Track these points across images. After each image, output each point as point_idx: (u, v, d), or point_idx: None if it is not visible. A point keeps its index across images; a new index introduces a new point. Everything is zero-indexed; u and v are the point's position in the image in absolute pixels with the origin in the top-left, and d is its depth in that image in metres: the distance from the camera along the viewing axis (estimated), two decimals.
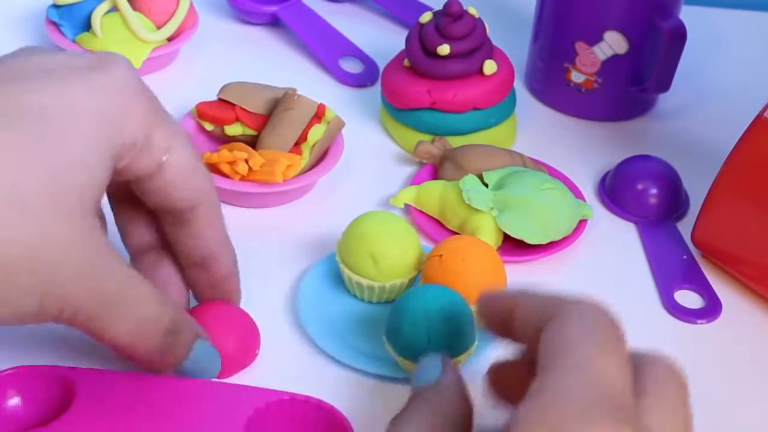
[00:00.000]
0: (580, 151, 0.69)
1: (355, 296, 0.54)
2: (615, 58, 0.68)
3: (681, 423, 0.33)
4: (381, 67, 0.72)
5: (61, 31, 0.71)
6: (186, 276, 0.48)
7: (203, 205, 0.44)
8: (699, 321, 0.56)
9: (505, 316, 0.38)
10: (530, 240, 0.57)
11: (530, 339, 0.36)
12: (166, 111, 0.43)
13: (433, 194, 0.60)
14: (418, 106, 0.65)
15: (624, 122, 0.72)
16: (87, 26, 0.71)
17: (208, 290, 0.48)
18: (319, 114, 0.61)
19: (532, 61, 0.73)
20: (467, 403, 0.37)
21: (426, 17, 0.66)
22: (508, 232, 0.57)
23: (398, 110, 0.67)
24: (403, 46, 0.67)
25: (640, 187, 0.63)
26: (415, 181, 0.63)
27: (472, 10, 0.65)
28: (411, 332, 0.47)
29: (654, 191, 0.63)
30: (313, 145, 0.61)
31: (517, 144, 0.69)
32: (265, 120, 0.62)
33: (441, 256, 0.51)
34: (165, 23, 0.71)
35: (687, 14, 0.69)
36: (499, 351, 0.52)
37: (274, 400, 0.43)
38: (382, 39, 0.78)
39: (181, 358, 0.43)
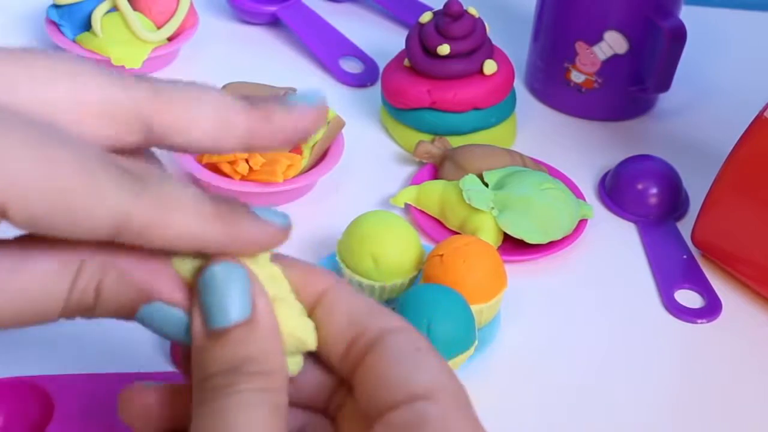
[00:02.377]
0: (580, 150, 0.69)
1: None
2: (615, 58, 0.68)
3: None
4: (381, 67, 0.72)
5: (61, 31, 0.71)
6: None
7: None
8: (699, 321, 0.56)
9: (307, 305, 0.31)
10: (530, 240, 0.57)
11: (335, 348, 0.30)
12: None
13: (434, 194, 0.60)
14: (418, 105, 0.65)
15: (624, 122, 0.72)
16: (87, 26, 0.71)
17: None
18: None
19: (532, 61, 0.73)
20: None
21: (426, 17, 0.66)
22: (509, 232, 0.57)
23: (398, 110, 0.67)
24: (403, 46, 0.67)
25: (640, 186, 0.63)
26: (415, 181, 0.63)
27: (472, 10, 0.65)
28: None
29: (654, 191, 0.63)
30: (314, 145, 0.61)
31: (517, 144, 0.69)
32: None
33: (441, 255, 0.51)
34: (165, 23, 0.71)
35: (687, 14, 0.69)
36: (499, 350, 0.53)
37: None
38: (382, 39, 0.78)
39: None
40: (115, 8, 0.70)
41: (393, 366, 0.29)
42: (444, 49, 0.64)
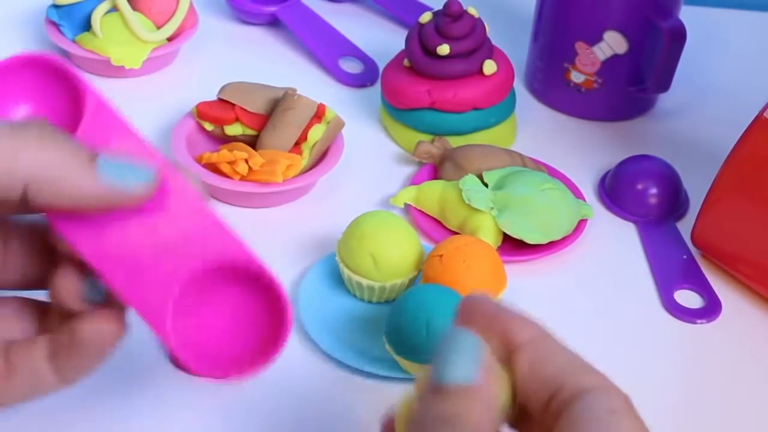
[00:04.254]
0: (580, 151, 0.69)
1: (355, 296, 0.54)
2: (615, 58, 0.68)
3: None
4: (381, 67, 0.72)
5: (61, 31, 0.71)
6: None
7: None
8: (699, 321, 0.56)
9: (502, 353, 0.32)
10: (530, 240, 0.57)
11: (536, 401, 0.31)
12: None
13: (433, 194, 0.60)
14: (418, 106, 0.65)
15: (624, 122, 0.72)
16: (87, 26, 0.71)
17: None
18: (319, 114, 0.61)
19: (532, 61, 0.73)
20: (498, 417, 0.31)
21: (426, 17, 0.66)
22: (508, 232, 0.57)
23: (398, 110, 0.67)
24: (402, 46, 0.67)
25: (640, 186, 0.63)
26: (415, 181, 0.63)
27: (472, 10, 0.65)
28: (411, 332, 0.47)
29: (654, 191, 0.63)
30: (313, 145, 0.61)
31: (517, 144, 0.68)
32: (265, 120, 0.62)
33: (441, 256, 0.51)
34: (165, 23, 0.71)
35: (687, 14, 0.69)
36: None
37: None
38: (382, 39, 0.78)
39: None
40: (114, 8, 0.70)
41: (585, 429, 0.30)
42: (444, 49, 0.64)
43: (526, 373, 0.31)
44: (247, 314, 0.38)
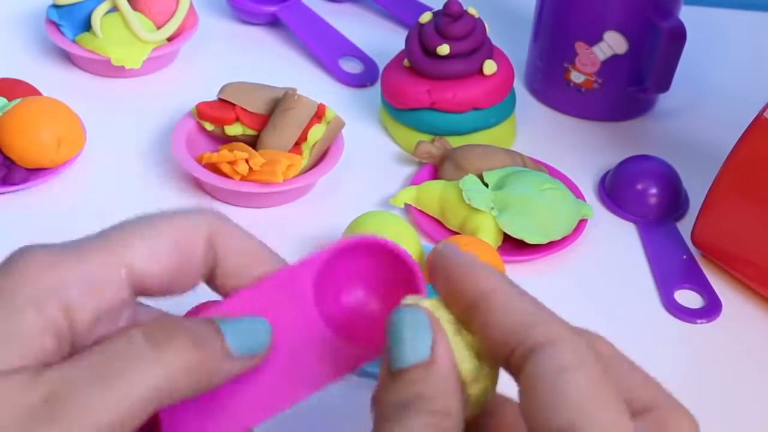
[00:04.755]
0: (580, 151, 0.69)
1: None
2: (615, 58, 0.68)
3: None
4: (381, 67, 0.72)
5: (61, 31, 0.71)
6: None
7: None
8: (699, 321, 0.56)
9: (468, 305, 0.30)
10: (530, 240, 0.57)
11: (498, 352, 0.30)
12: None
13: (433, 194, 0.60)
14: (418, 106, 0.65)
15: (624, 122, 0.72)
16: (87, 26, 0.71)
17: None
18: (319, 114, 0.61)
19: (532, 61, 0.73)
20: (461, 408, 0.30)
21: (426, 17, 0.66)
22: (508, 232, 0.57)
23: (398, 110, 0.67)
24: (402, 46, 0.67)
25: (640, 186, 0.63)
26: (415, 181, 0.63)
27: (472, 10, 0.65)
28: None
29: (654, 191, 0.63)
30: (314, 145, 0.61)
31: (517, 144, 0.69)
32: (265, 120, 0.62)
33: None
34: (165, 23, 0.71)
35: (687, 14, 0.69)
36: None
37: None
38: (382, 39, 0.78)
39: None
40: (115, 8, 0.70)
41: (537, 391, 0.28)
42: (444, 49, 0.64)
43: (488, 326, 0.30)
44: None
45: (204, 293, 0.34)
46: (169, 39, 0.72)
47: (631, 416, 0.29)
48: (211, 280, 0.33)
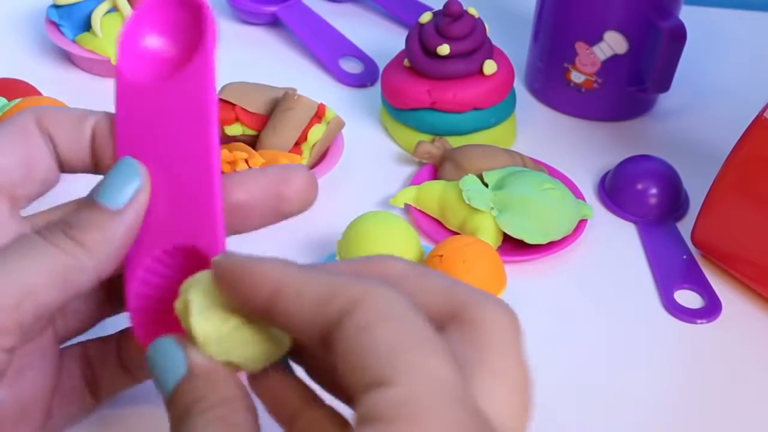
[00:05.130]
0: (580, 151, 0.69)
1: None
2: (615, 58, 0.68)
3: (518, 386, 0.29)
4: (381, 67, 0.72)
5: (61, 31, 0.71)
6: None
7: None
8: (699, 321, 0.56)
9: (264, 304, 0.30)
10: (530, 240, 0.57)
11: (310, 337, 0.29)
12: None
13: (433, 194, 0.60)
14: (418, 106, 0.65)
15: (624, 122, 0.72)
16: (87, 26, 0.71)
17: None
18: (319, 114, 0.61)
19: (532, 61, 0.73)
20: (240, 389, 0.32)
21: (426, 17, 0.66)
22: (508, 232, 0.57)
23: (398, 110, 0.67)
24: (403, 46, 0.67)
25: (640, 186, 0.63)
26: (415, 181, 0.63)
27: (472, 10, 0.65)
28: None
29: (654, 191, 0.63)
30: (314, 145, 0.61)
31: (517, 144, 0.69)
32: (265, 120, 0.62)
33: (441, 256, 0.51)
34: None
35: (687, 14, 0.69)
36: None
37: None
38: (382, 39, 0.78)
39: None
40: (115, 8, 0.70)
41: (345, 356, 0.27)
42: (444, 49, 0.64)
43: (290, 316, 0.30)
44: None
45: None
46: None
47: (439, 328, 0.29)
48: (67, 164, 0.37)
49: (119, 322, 0.40)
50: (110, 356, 0.40)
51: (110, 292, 0.39)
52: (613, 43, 0.68)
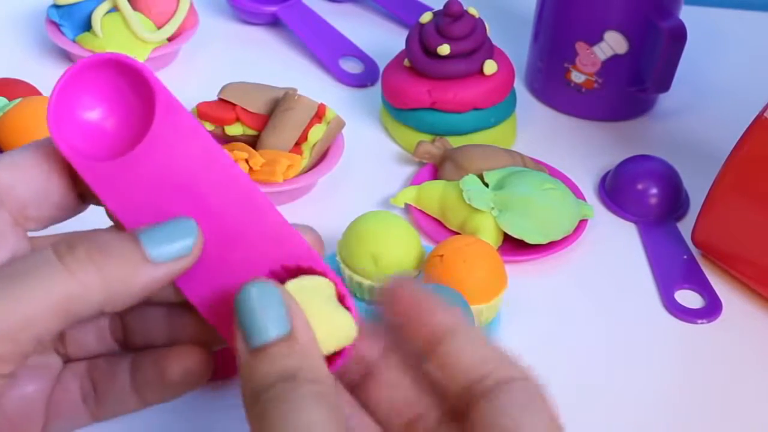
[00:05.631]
0: (580, 151, 0.69)
1: (356, 296, 0.54)
2: (615, 58, 0.68)
3: None
4: (381, 67, 0.72)
5: (61, 32, 0.71)
6: None
7: None
8: (699, 321, 0.56)
9: (428, 347, 0.32)
10: (531, 240, 0.57)
11: (452, 389, 0.32)
12: None
13: (434, 194, 0.60)
14: (419, 106, 0.65)
15: (624, 122, 0.72)
16: (87, 26, 0.71)
17: None
18: (319, 114, 0.61)
19: (533, 61, 0.73)
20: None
21: (426, 17, 0.66)
22: (509, 232, 0.57)
23: (398, 110, 0.67)
24: (403, 46, 0.67)
25: (640, 186, 0.63)
26: (415, 181, 0.63)
27: (473, 10, 0.65)
28: None
29: (654, 191, 0.63)
30: (314, 145, 0.61)
31: (517, 144, 0.69)
32: (265, 120, 0.62)
33: (442, 256, 0.51)
34: (165, 23, 0.72)
35: (687, 14, 0.69)
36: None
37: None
38: (382, 39, 0.78)
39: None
40: (115, 8, 0.70)
41: (501, 415, 0.30)
42: (444, 49, 0.64)
43: (454, 356, 0.32)
44: None
45: None
46: (170, 39, 0.72)
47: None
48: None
49: None
50: (120, 375, 0.37)
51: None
52: (614, 43, 0.68)
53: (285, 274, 0.33)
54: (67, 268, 0.31)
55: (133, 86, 0.34)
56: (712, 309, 0.56)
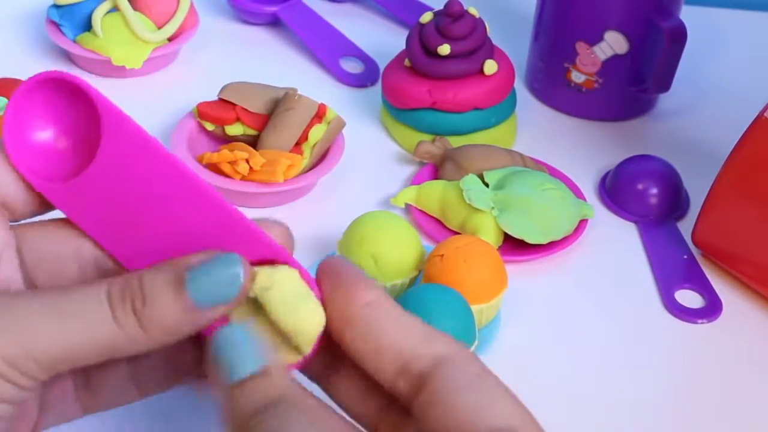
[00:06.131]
0: (581, 151, 0.69)
1: None
2: (615, 58, 0.68)
3: None
4: (381, 67, 0.72)
5: (61, 31, 0.71)
6: None
7: None
8: (699, 321, 0.56)
9: (351, 313, 0.33)
10: (531, 240, 0.57)
11: (387, 372, 0.32)
12: None
13: (434, 194, 0.60)
14: (419, 105, 0.65)
15: (624, 122, 0.72)
16: (87, 26, 0.71)
17: None
18: (319, 114, 0.61)
19: (533, 61, 0.73)
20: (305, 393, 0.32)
21: (426, 17, 0.66)
22: (509, 232, 0.57)
23: (399, 110, 0.67)
24: (403, 46, 0.67)
25: (640, 186, 0.63)
26: (415, 181, 0.63)
27: (473, 10, 0.65)
28: None
29: (654, 191, 0.63)
30: (314, 145, 0.61)
31: (517, 144, 0.69)
32: (265, 120, 0.62)
33: (442, 256, 0.51)
34: (165, 23, 0.72)
35: (687, 14, 0.69)
36: (499, 350, 0.53)
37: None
38: (382, 39, 0.78)
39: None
40: (115, 8, 0.70)
41: (459, 397, 0.30)
42: (444, 49, 0.64)
43: (373, 345, 0.32)
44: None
45: None
46: (170, 39, 0.72)
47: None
48: None
49: None
50: (117, 365, 0.37)
51: None
52: (614, 43, 0.68)
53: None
54: (117, 321, 0.32)
55: (78, 101, 0.35)
56: (712, 309, 0.56)
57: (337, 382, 0.35)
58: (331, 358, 0.35)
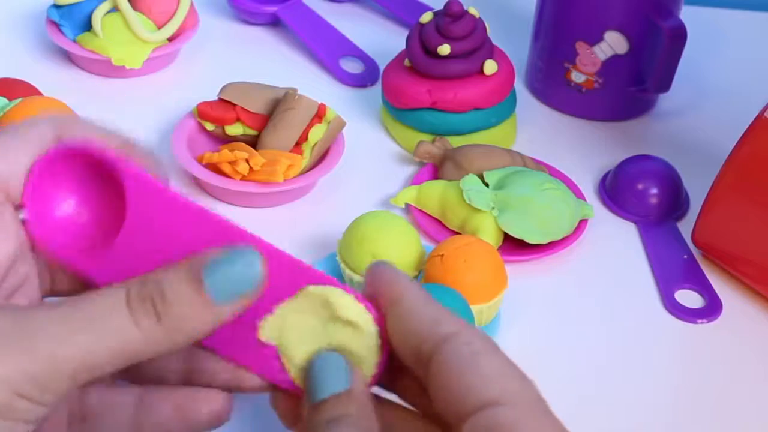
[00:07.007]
0: (581, 151, 0.69)
1: None
2: (615, 58, 0.68)
3: None
4: (381, 67, 0.72)
5: (61, 31, 0.71)
6: None
7: None
8: (699, 321, 0.56)
9: (385, 303, 0.34)
10: (531, 240, 0.57)
11: (409, 352, 0.33)
12: None
13: (434, 194, 0.60)
14: (419, 105, 0.65)
15: (624, 122, 0.72)
16: (87, 26, 0.71)
17: None
18: (319, 114, 0.61)
19: (533, 60, 0.73)
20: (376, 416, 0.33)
21: (426, 17, 0.66)
22: (509, 232, 0.57)
23: (399, 110, 0.67)
24: (403, 46, 0.67)
25: (640, 186, 0.63)
26: (415, 181, 0.63)
27: (473, 10, 0.65)
28: None
29: (654, 191, 0.63)
30: (314, 145, 0.61)
31: (517, 144, 0.69)
32: (265, 120, 0.62)
33: (442, 256, 0.51)
34: (166, 23, 0.71)
35: (687, 14, 0.69)
36: (502, 346, 0.52)
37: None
38: (382, 39, 0.78)
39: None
40: (115, 8, 0.70)
41: (454, 375, 0.31)
42: (444, 49, 0.64)
43: (396, 330, 0.34)
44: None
45: None
46: (170, 39, 0.72)
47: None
48: None
49: None
50: (122, 408, 0.36)
51: None
52: (614, 43, 0.68)
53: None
54: (137, 323, 0.31)
55: (97, 166, 0.35)
56: (712, 309, 0.56)
57: (406, 384, 0.36)
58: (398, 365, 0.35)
